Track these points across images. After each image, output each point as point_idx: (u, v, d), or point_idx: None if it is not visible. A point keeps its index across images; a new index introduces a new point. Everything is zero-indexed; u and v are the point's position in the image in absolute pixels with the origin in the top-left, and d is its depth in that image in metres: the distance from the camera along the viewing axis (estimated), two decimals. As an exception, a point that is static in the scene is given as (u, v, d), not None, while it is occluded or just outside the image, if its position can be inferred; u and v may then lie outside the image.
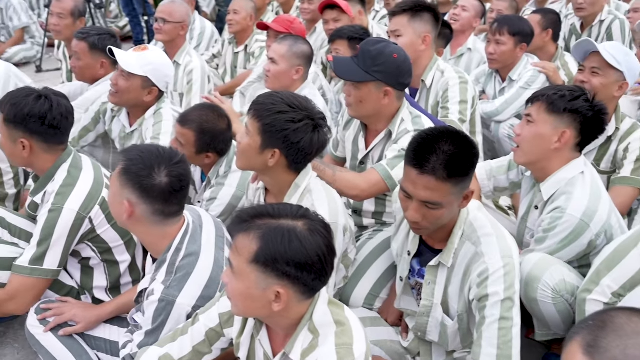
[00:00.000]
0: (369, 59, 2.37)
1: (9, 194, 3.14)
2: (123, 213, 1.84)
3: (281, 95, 2.10)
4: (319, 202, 2.12)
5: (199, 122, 2.49)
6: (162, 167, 1.80)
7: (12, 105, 2.23)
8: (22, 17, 6.49)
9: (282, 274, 1.44)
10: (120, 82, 2.83)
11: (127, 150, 1.86)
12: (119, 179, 1.83)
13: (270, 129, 2.02)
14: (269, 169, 2.11)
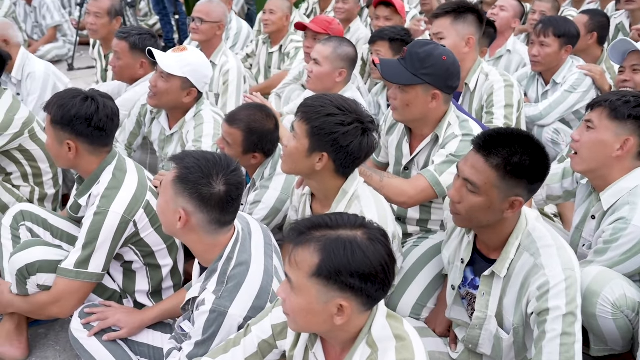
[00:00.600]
0: (417, 61, 2.31)
1: (48, 194, 3.15)
2: (176, 222, 1.80)
3: (330, 97, 2.05)
4: (368, 208, 2.07)
5: (247, 122, 2.45)
6: (219, 175, 1.76)
7: (59, 107, 2.21)
8: (55, 16, 6.52)
9: (346, 286, 1.40)
10: (159, 84, 2.80)
11: (182, 158, 1.82)
12: (173, 186, 1.79)
13: (319, 131, 1.98)
14: (316, 174, 2.06)
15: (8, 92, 2.99)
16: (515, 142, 1.79)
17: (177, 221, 1.80)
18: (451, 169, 2.30)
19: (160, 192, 1.89)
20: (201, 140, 2.85)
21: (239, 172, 1.82)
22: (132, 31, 3.32)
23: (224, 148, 2.51)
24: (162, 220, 1.90)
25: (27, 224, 2.52)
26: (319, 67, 3.09)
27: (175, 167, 1.82)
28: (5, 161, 3.01)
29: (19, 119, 2.92)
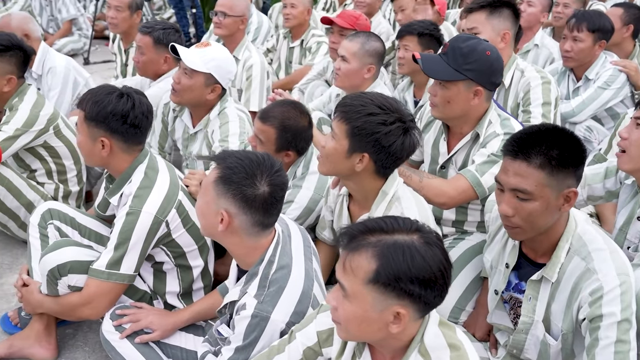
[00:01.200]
0: (460, 56, 2.25)
1: (72, 191, 3.11)
2: (217, 224, 1.74)
3: (370, 96, 1.99)
4: (409, 210, 2.01)
5: (281, 119, 2.39)
6: (263, 175, 1.70)
7: (94, 103, 2.16)
8: (70, 9, 6.47)
9: (404, 293, 1.34)
10: (182, 80, 2.74)
11: (223, 158, 1.75)
12: (215, 187, 1.73)
13: (360, 132, 1.92)
14: (355, 175, 2.01)
15: (32, 88, 2.95)
16: (547, 135, 1.74)
17: (219, 223, 1.74)
18: (492, 169, 2.24)
19: (199, 193, 1.83)
20: (228, 140, 2.79)
21: (282, 172, 1.76)
22: (156, 26, 3.26)
23: (255, 146, 2.45)
24: (202, 223, 1.84)
25: (55, 223, 2.48)
26: (346, 64, 3.02)
27: (216, 167, 1.76)
28: (29, 158, 2.97)
29: (44, 115, 2.88)
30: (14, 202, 2.86)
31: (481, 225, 2.54)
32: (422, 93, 3.51)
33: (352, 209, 2.17)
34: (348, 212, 2.18)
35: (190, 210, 2.31)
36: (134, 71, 4.21)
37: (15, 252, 3.08)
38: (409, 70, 3.43)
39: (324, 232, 2.41)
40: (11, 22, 3.59)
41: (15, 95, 2.87)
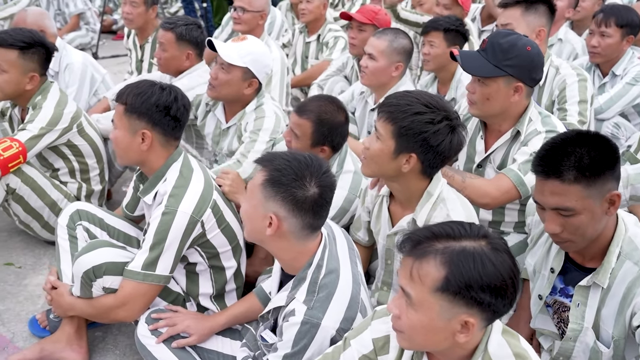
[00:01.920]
0: (500, 52, 2.21)
1: (95, 190, 3.07)
2: (265, 228, 1.69)
3: (415, 94, 1.94)
4: (455, 212, 1.97)
5: (318, 113, 2.34)
6: (312, 176, 1.66)
7: (137, 95, 2.12)
8: (78, 4, 6.39)
9: (474, 302, 1.30)
10: (219, 75, 2.69)
11: (270, 159, 1.70)
12: (263, 190, 1.68)
13: (407, 131, 1.88)
14: (401, 175, 1.97)
15: (55, 86, 2.89)
16: (573, 145, 1.66)
17: (267, 227, 1.69)
18: None
19: (245, 197, 1.78)
20: (258, 134, 2.74)
21: (330, 172, 1.72)
22: (178, 22, 3.20)
23: (290, 140, 2.40)
24: (249, 227, 1.79)
25: (83, 224, 2.43)
26: (374, 61, 2.97)
27: (262, 169, 1.71)
28: (53, 157, 2.92)
29: (68, 113, 2.83)
30: (38, 202, 2.81)
31: (518, 226, 2.50)
32: (446, 89, 3.46)
33: (393, 210, 2.12)
34: (388, 213, 2.13)
35: (224, 210, 2.27)
36: (149, 67, 4.16)
37: (37, 252, 3.03)
38: (435, 67, 3.38)
39: (358, 233, 2.37)
40: (27, 18, 3.52)
41: (38, 93, 2.82)
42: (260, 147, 2.70)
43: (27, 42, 2.74)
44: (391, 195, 2.13)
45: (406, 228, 2.02)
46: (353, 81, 3.93)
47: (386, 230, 2.14)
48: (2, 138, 2.68)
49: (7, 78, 2.74)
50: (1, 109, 3.09)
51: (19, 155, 2.64)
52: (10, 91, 2.77)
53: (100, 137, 3.06)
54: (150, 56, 4.13)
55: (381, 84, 3.01)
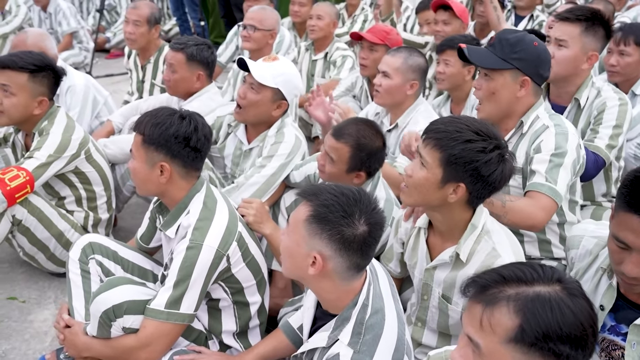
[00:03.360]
0: (507, 45, 2.21)
1: (102, 219, 2.92)
2: (307, 267, 1.57)
3: (463, 120, 1.84)
4: (501, 245, 1.86)
5: (357, 137, 2.24)
6: (362, 213, 1.54)
7: (155, 125, 2.00)
8: (71, 22, 6.25)
9: (551, 354, 1.18)
10: (249, 95, 2.58)
11: (315, 193, 1.58)
12: (307, 226, 1.56)
13: (457, 160, 1.77)
14: (445, 206, 1.86)
15: (62, 111, 2.76)
16: None
17: (309, 266, 1.57)
18: (562, 174, 2.16)
19: (285, 232, 1.66)
20: (270, 160, 2.63)
21: (380, 209, 1.60)
22: (188, 42, 3.09)
23: (324, 165, 2.30)
24: (288, 264, 1.67)
25: (96, 257, 2.30)
26: (388, 79, 2.88)
27: (306, 203, 1.59)
28: (59, 185, 2.78)
29: (75, 139, 2.69)
30: (45, 233, 2.67)
31: (544, 249, 2.42)
32: (460, 109, 3.39)
33: (432, 242, 2.01)
34: (426, 245, 2.02)
35: (249, 242, 2.15)
36: (151, 88, 4.04)
37: (41, 284, 2.88)
38: (450, 86, 3.31)
39: (390, 264, 2.25)
40: (27, 39, 3.39)
41: (44, 118, 2.69)
42: (267, 173, 2.60)
43: (37, 65, 2.61)
44: (429, 226, 2.02)
45: (447, 261, 1.91)
46: (362, 101, 3.84)
47: (424, 264, 2.03)
48: (9, 167, 2.53)
49: (16, 102, 2.60)
50: (4, 135, 2.94)
51: (26, 185, 2.49)
52: (18, 115, 2.64)
53: (108, 163, 2.93)
54: (152, 77, 4.02)
55: (396, 103, 2.92)
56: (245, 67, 2.60)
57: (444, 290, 1.96)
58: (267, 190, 2.61)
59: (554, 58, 2.54)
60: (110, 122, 3.37)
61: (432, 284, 1.99)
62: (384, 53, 3.53)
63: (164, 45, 4.01)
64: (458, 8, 3.94)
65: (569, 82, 2.63)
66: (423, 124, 2.88)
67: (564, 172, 2.18)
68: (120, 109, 3.49)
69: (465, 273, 1.86)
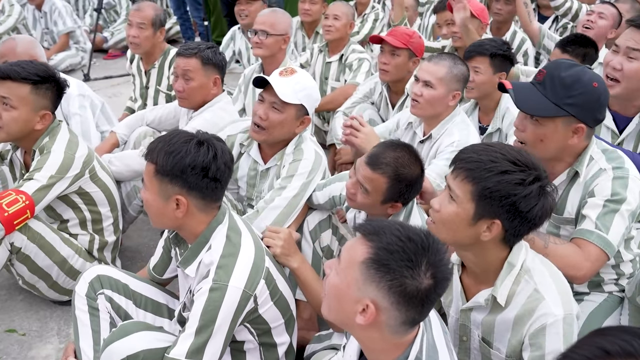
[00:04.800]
0: (561, 87, 1.88)
1: (109, 242, 2.69)
2: (355, 313, 1.34)
3: (498, 148, 1.60)
4: (545, 287, 1.62)
5: (395, 167, 1.99)
6: (429, 264, 1.31)
7: (169, 154, 1.76)
8: (67, 22, 5.98)
9: None
10: (272, 116, 2.34)
11: (376, 231, 1.34)
12: (364, 270, 1.32)
13: (492, 194, 1.54)
14: (477, 244, 1.63)
15: (64, 126, 2.51)
16: None
17: (358, 313, 1.34)
18: (617, 221, 1.90)
19: (335, 268, 1.42)
20: (290, 180, 2.41)
21: (447, 261, 1.37)
22: (200, 46, 2.85)
23: (355, 194, 2.06)
24: (332, 306, 1.42)
25: (106, 292, 2.07)
26: (431, 90, 2.64)
27: (365, 240, 1.35)
28: (61, 207, 2.53)
29: (79, 157, 2.45)
30: (46, 261, 2.43)
31: (593, 285, 2.20)
32: (489, 119, 3.16)
33: (466, 281, 1.78)
34: (460, 283, 1.79)
35: (277, 278, 1.93)
36: (155, 94, 3.80)
37: (43, 314, 2.64)
38: (479, 95, 3.09)
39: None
40: (17, 47, 3.13)
41: (45, 134, 2.44)
42: (289, 194, 2.37)
43: (41, 76, 2.37)
44: (463, 264, 1.80)
45: (483, 305, 1.69)
46: (382, 109, 3.61)
47: (459, 303, 1.80)
48: (6, 190, 2.28)
49: (16, 115, 2.36)
50: (0, 152, 2.69)
51: (26, 210, 2.25)
52: (17, 130, 2.39)
53: (114, 181, 2.69)
54: (156, 82, 3.78)
55: (436, 114, 2.70)
56: (261, 84, 2.36)
57: (483, 334, 1.74)
58: (291, 213, 2.39)
59: (622, 71, 2.31)
60: (114, 134, 3.12)
61: (470, 325, 1.77)
62: (406, 58, 3.33)
63: (169, 49, 3.77)
64: (476, 7, 3.70)
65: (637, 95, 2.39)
66: (458, 136, 2.68)
67: (620, 219, 1.91)
68: (125, 119, 3.25)
69: (505, 317, 1.64)
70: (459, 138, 2.64)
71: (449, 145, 2.65)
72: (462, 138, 2.64)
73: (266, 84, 2.36)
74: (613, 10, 3.71)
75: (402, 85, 3.44)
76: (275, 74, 2.37)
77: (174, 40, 6.91)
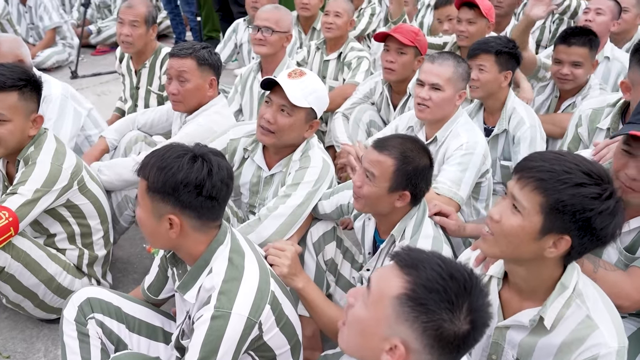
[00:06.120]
0: None
1: (99, 256, 2.53)
2: (381, 352, 1.18)
3: (570, 158, 1.45)
4: (598, 314, 1.50)
5: (402, 150, 1.92)
6: (470, 307, 1.16)
7: (160, 170, 1.61)
8: (53, 16, 5.77)
9: None
10: (280, 120, 2.21)
11: (414, 263, 1.18)
12: (396, 307, 1.16)
13: (565, 208, 1.39)
14: (537, 260, 1.49)
15: (50, 135, 2.34)
16: None
17: (385, 352, 1.19)
18: None
19: (361, 299, 1.26)
20: (296, 188, 2.26)
21: (489, 304, 1.22)
22: (194, 45, 2.69)
23: (361, 186, 1.95)
24: (354, 340, 1.26)
25: (96, 317, 1.93)
26: (440, 92, 2.50)
27: (402, 275, 1.20)
28: (48, 221, 2.37)
29: (67, 168, 2.28)
30: (32, 279, 2.27)
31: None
32: (495, 119, 3.02)
33: (506, 297, 1.64)
34: (499, 299, 1.66)
35: (283, 302, 1.79)
36: (146, 95, 3.63)
37: (29, 334, 2.48)
38: (484, 94, 2.95)
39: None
40: (1, 46, 2.95)
41: (30, 143, 2.27)
42: (293, 203, 2.23)
43: (23, 79, 2.21)
44: (505, 278, 1.66)
45: (526, 325, 1.56)
46: (383, 109, 3.47)
47: (494, 320, 1.67)
48: (-12, 207, 2.12)
49: (12, 127, 2.20)
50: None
51: (9, 227, 2.09)
52: (15, 142, 2.23)
53: (104, 192, 2.53)
54: (147, 82, 3.61)
55: (444, 116, 2.57)
56: (268, 85, 2.21)
57: (519, 355, 1.61)
58: (294, 223, 2.24)
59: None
60: (103, 139, 2.95)
61: (504, 344, 1.64)
62: (412, 56, 3.18)
63: (161, 48, 3.59)
64: (484, 5, 3.55)
65: None
66: (465, 137, 2.55)
67: None
68: (115, 123, 3.07)
69: (550, 341, 1.52)
70: (467, 140, 2.52)
71: (458, 148, 2.51)
72: (470, 139, 2.52)
73: (273, 86, 2.22)
74: (610, 3, 3.60)
75: (404, 85, 3.30)
76: (283, 75, 2.22)
77: (164, 35, 6.72)
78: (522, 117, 2.90)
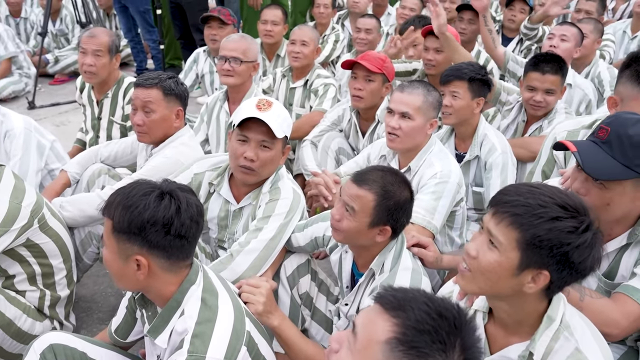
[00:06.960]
0: (631, 147, 1.71)
1: (61, 297, 2.41)
2: None
3: (544, 190, 1.43)
4: (587, 346, 1.47)
5: (382, 184, 1.88)
6: (463, 347, 1.12)
7: (126, 208, 1.53)
8: (8, 46, 5.60)
9: None
10: (262, 155, 2.17)
11: (401, 304, 1.12)
12: (385, 352, 1.09)
13: (542, 243, 1.37)
14: (517, 295, 1.46)
15: (7, 171, 2.23)
16: None
17: None
18: None
19: (347, 343, 1.20)
20: (267, 221, 2.21)
21: (480, 340, 1.18)
22: (160, 75, 2.62)
23: (340, 220, 1.90)
24: None
25: (60, 365, 1.80)
26: (410, 121, 2.48)
27: (389, 318, 1.14)
28: (6, 262, 2.23)
29: (26, 206, 2.17)
30: (-12, 325, 2.14)
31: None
32: (466, 146, 3.02)
33: (492, 332, 1.61)
34: (485, 334, 1.62)
35: (259, 342, 1.71)
36: (109, 126, 3.53)
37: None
38: (457, 120, 2.95)
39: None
40: None
41: (-16, 180, 2.16)
42: (265, 237, 2.18)
43: None
44: (490, 313, 1.63)
45: None
46: (352, 137, 3.45)
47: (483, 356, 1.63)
48: (-60, 249, 1.99)
49: None
50: None
51: (-36, 270, 1.97)
52: None
53: (66, 229, 2.41)
54: (110, 113, 3.51)
55: (415, 145, 2.55)
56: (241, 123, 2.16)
57: None
58: (268, 257, 2.18)
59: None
60: (64, 172, 2.84)
61: None
62: (380, 83, 3.18)
63: (123, 77, 3.51)
64: (452, 33, 3.59)
65: None
66: (439, 166, 2.53)
67: None
68: (77, 156, 2.96)
69: None
70: (441, 169, 2.51)
71: (432, 177, 2.50)
72: (444, 168, 2.51)
73: (244, 121, 2.16)
74: (574, 30, 3.69)
75: (373, 112, 3.29)
76: (251, 107, 2.15)
77: (125, 64, 6.61)
78: (493, 143, 2.91)
